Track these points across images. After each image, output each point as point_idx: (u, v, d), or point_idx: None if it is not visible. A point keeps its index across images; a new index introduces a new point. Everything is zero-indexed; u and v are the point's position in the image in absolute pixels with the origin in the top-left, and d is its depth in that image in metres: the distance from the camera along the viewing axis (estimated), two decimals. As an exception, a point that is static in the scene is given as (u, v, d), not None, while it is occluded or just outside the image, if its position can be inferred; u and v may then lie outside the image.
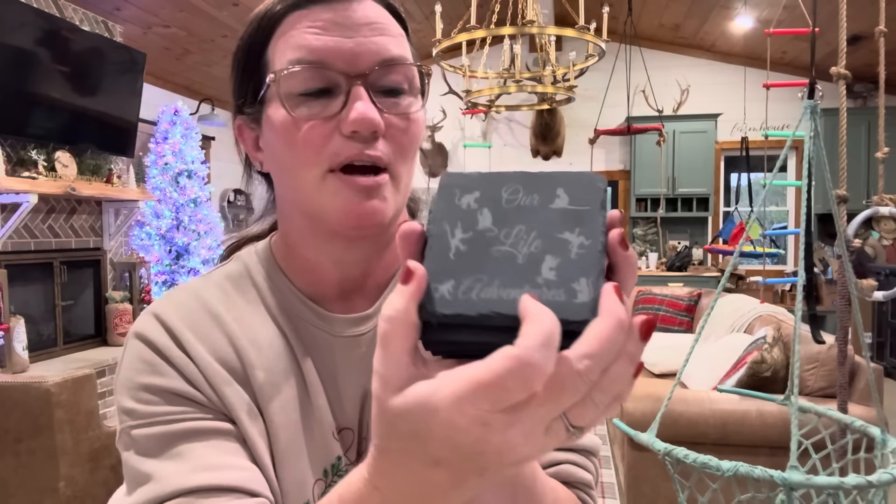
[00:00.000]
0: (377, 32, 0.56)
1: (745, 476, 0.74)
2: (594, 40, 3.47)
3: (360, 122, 0.53)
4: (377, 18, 0.56)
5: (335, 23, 0.55)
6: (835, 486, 0.72)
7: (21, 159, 3.44)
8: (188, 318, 0.58)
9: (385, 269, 0.64)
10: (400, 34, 0.58)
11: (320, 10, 0.55)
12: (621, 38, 5.24)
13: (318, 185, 0.55)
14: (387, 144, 0.55)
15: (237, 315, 0.60)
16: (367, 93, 0.54)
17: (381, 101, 0.55)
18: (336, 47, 0.54)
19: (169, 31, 4.53)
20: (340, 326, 0.62)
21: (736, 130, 6.10)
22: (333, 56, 0.54)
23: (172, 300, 0.60)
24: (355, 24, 0.55)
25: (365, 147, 0.54)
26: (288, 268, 0.63)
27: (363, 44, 0.55)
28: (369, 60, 0.55)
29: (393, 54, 0.56)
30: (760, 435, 2.35)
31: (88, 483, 2.17)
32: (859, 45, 4.96)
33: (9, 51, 3.19)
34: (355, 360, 0.61)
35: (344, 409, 0.61)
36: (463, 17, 3.74)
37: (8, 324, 3.28)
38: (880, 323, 5.47)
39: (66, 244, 3.86)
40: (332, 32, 0.55)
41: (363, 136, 0.54)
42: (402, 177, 0.58)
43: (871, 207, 1.43)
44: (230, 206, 6.16)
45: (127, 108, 4.03)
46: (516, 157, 6.73)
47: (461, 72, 4.09)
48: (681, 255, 6.19)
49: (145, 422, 0.53)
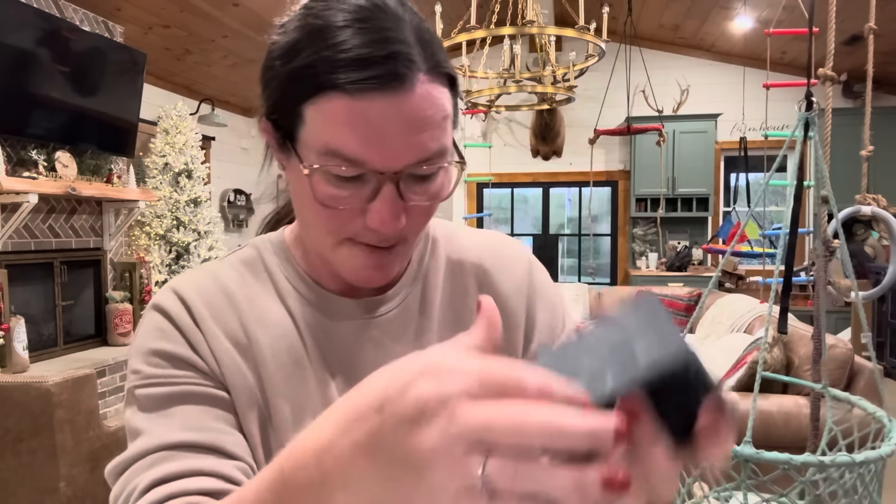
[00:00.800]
0: (419, 129, 0.52)
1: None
2: (594, 40, 3.48)
3: (383, 230, 0.54)
4: (425, 109, 0.52)
5: (379, 124, 0.50)
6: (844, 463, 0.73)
7: (21, 159, 3.44)
8: (203, 294, 0.62)
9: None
10: (446, 115, 0.54)
11: (368, 106, 0.50)
12: (621, 38, 5.25)
13: (332, 247, 0.58)
14: (407, 226, 0.55)
15: (248, 295, 0.63)
16: (397, 189, 0.53)
17: (412, 188, 0.54)
18: (373, 147, 0.51)
19: (169, 31, 4.53)
20: (351, 311, 0.64)
21: (735, 130, 6.10)
22: (369, 155, 0.51)
23: (190, 278, 0.63)
24: (400, 121, 0.51)
25: (384, 239, 0.56)
26: (301, 258, 0.66)
27: (402, 144, 0.52)
28: (405, 160, 0.52)
29: (431, 151, 0.53)
30: (760, 435, 2.35)
31: (88, 483, 2.17)
32: (858, 44, 4.96)
33: (9, 51, 3.19)
34: (366, 344, 0.63)
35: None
36: (463, 17, 3.74)
37: (8, 324, 3.28)
38: (880, 323, 5.47)
39: (66, 244, 3.86)
40: (375, 131, 0.51)
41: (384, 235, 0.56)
42: (415, 241, 0.60)
43: (853, 206, 1.44)
44: (230, 206, 6.16)
45: (127, 108, 4.03)
46: (516, 157, 6.73)
47: (461, 72, 4.10)
48: (680, 255, 6.19)
49: (149, 381, 0.57)
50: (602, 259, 7.03)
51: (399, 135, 0.51)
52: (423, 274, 0.68)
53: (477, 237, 0.73)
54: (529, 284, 0.70)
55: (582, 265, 6.95)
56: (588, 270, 5.51)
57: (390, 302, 0.65)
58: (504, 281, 0.69)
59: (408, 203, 0.54)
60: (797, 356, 2.62)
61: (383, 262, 0.58)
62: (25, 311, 3.51)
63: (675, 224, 6.39)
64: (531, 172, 6.75)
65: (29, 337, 3.45)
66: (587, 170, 6.15)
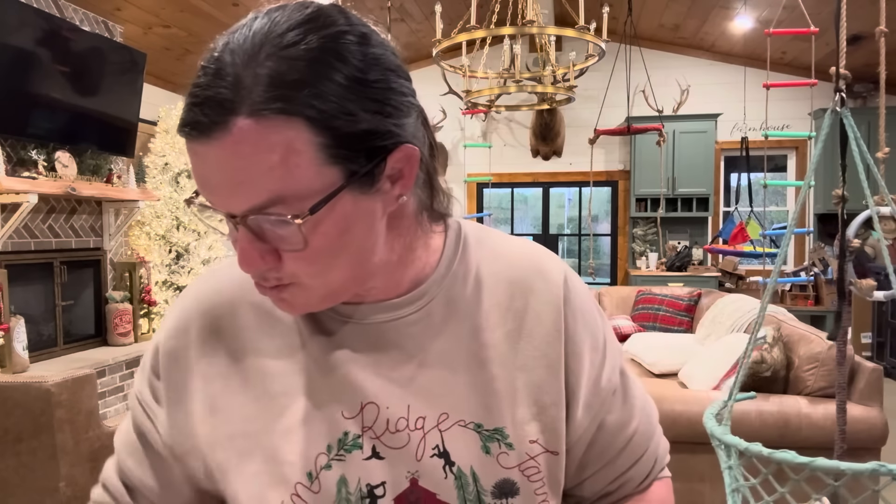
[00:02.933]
0: (239, 178, 0.49)
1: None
2: (594, 40, 3.47)
3: (240, 265, 0.54)
4: (248, 153, 0.48)
5: (202, 163, 0.50)
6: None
7: (21, 159, 3.44)
8: (210, 309, 0.66)
9: (395, 281, 0.63)
10: (282, 159, 0.48)
11: (192, 144, 0.50)
12: (621, 38, 5.24)
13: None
14: (286, 267, 0.54)
15: (254, 300, 0.64)
16: (249, 231, 0.52)
17: (275, 230, 0.52)
18: (208, 193, 0.52)
19: (169, 32, 4.53)
20: (364, 313, 0.63)
21: (736, 130, 6.10)
22: (209, 197, 0.52)
23: (170, 322, 0.68)
24: (218, 166, 0.49)
25: (261, 280, 0.56)
26: None
27: (227, 192, 0.51)
28: (237, 207, 0.51)
29: (259, 201, 0.50)
30: (759, 435, 2.35)
31: (88, 483, 2.17)
32: (859, 44, 4.96)
33: (9, 51, 3.19)
34: (386, 345, 0.63)
35: (364, 387, 0.61)
36: (463, 18, 3.74)
37: (8, 324, 3.28)
38: (880, 323, 5.47)
39: (66, 244, 3.86)
40: (201, 174, 0.51)
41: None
42: (314, 285, 0.55)
43: (872, 207, 1.43)
44: (230, 206, 6.16)
45: (127, 109, 4.03)
46: (516, 157, 6.73)
47: (461, 72, 4.09)
48: (681, 255, 6.19)
49: (138, 409, 0.67)
50: (602, 259, 7.03)
51: (221, 182, 0.50)
52: (451, 280, 0.65)
53: (511, 246, 0.70)
54: (566, 300, 0.67)
55: (582, 265, 6.95)
56: (588, 270, 5.50)
57: (409, 306, 0.63)
58: (539, 294, 0.66)
59: (273, 245, 0.53)
60: (797, 356, 2.62)
61: (279, 298, 0.57)
62: (25, 311, 3.51)
63: (675, 224, 6.39)
64: (531, 172, 6.74)
65: (29, 337, 3.44)
66: (587, 170, 6.15)
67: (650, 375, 3.56)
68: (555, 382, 0.64)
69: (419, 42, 6.00)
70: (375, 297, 0.63)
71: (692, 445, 2.46)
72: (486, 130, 6.79)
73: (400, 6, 5.25)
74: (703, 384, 2.90)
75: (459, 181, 6.56)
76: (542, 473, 0.63)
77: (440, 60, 3.87)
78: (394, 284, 0.63)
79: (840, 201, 1.27)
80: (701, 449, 2.48)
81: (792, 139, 6.12)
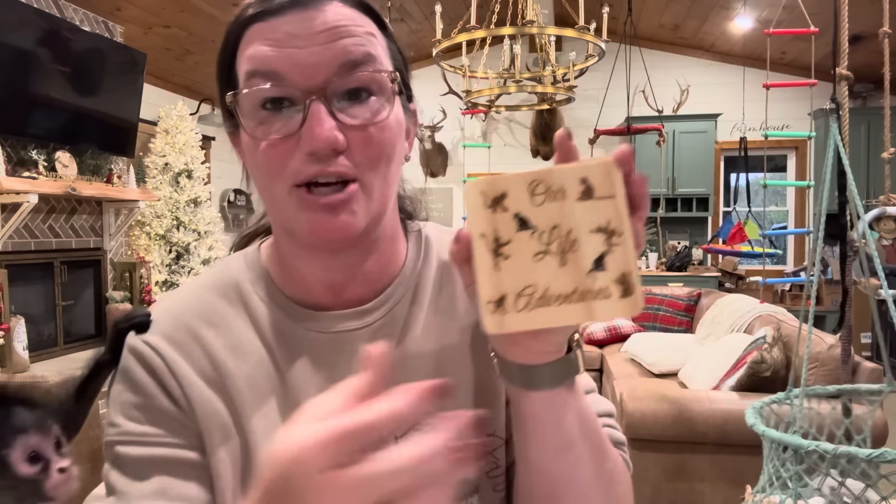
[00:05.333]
0: (337, 36, 0.52)
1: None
2: (594, 40, 3.48)
3: (316, 143, 0.51)
4: (340, 21, 0.53)
5: (292, 34, 0.52)
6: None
7: (21, 159, 3.44)
8: (173, 332, 0.61)
9: (377, 269, 0.63)
10: (369, 32, 0.55)
11: (279, 22, 0.52)
12: (621, 38, 5.24)
13: (284, 200, 0.55)
14: (352, 156, 0.53)
15: (217, 322, 0.62)
16: (327, 106, 0.52)
17: (346, 110, 0.53)
18: (290, 59, 0.52)
19: (169, 32, 4.53)
20: (331, 322, 0.61)
21: (735, 130, 6.10)
22: (288, 68, 0.52)
23: (155, 317, 0.62)
24: (313, 32, 0.52)
25: (326, 165, 0.53)
26: (276, 273, 0.64)
27: (319, 53, 0.52)
28: (327, 70, 0.52)
29: (353, 57, 0.53)
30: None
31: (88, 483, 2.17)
32: (859, 45, 4.96)
33: (9, 51, 3.19)
34: (353, 356, 0.60)
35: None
36: (463, 18, 3.74)
37: (8, 324, 3.28)
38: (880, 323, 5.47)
39: (66, 244, 3.86)
40: (289, 44, 0.52)
41: (322, 155, 0.52)
42: (373, 186, 0.55)
43: (879, 207, 1.43)
44: (230, 206, 6.16)
45: (127, 109, 4.03)
46: (516, 157, 6.73)
47: (461, 72, 4.09)
48: (680, 255, 6.19)
49: (127, 439, 0.58)
50: (602, 259, 7.03)
51: (314, 45, 0.52)
52: (415, 281, 0.65)
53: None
54: None
55: (582, 265, 6.95)
56: (588, 270, 5.54)
57: (375, 312, 0.62)
58: None
59: (344, 123, 0.53)
60: (797, 356, 2.62)
61: (336, 211, 0.54)
62: (25, 311, 3.51)
63: (675, 224, 6.39)
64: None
65: (29, 337, 3.44)
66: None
67: (650, 375, 3.56)
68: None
69: (419, 42, 6.00)
70: (351, 295, 0.62)
71: (692, 445, 2.46)
72: (486, 130, 6.79)
73: (400, 6, 5.25)
74: (703, 384, 2.90)
75: (459, 181, 6.56)
76: (502, 468, 0.63)
77: (440, 60, 3.87)
78: (379, 268, 0.63)
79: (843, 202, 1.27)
80: (701, 449, 2.48)
81: (792, 139, 6.12)
